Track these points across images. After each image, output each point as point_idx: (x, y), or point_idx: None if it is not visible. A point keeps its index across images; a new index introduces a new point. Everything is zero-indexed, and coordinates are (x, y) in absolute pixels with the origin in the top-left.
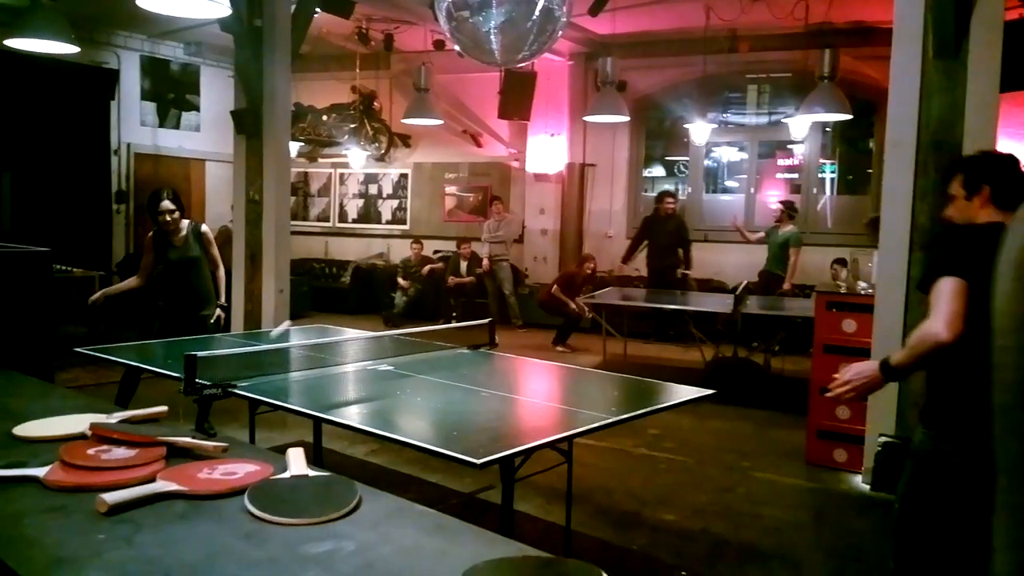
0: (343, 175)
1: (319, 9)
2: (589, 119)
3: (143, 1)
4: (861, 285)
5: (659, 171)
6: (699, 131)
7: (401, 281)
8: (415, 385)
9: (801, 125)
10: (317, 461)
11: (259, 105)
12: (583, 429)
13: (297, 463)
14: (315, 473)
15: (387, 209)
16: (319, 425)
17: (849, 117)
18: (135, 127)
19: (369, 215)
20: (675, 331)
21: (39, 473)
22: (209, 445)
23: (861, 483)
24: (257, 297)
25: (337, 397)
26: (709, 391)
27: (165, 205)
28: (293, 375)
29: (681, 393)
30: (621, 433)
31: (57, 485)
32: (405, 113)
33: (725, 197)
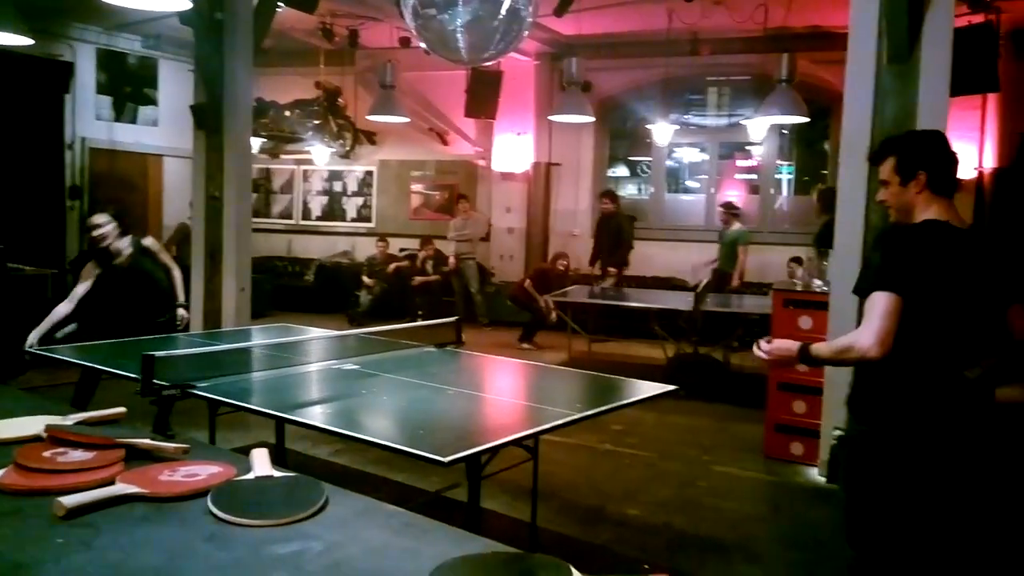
0: (307, 172)
1: (282, 4)
2: (555, 119)
3: None
4: (816, 283)
5: (623, 171)
6: (661, 132)
7: (366, 279)
8: (381, 384)
9: (759, 127)
10: (280, 462)
11: (220, 100)
12: (549, 426)
13: (261, 464)
14: (280, 474)
15: (352, 207)
16: (282, 426)
17: (806, 120)
18: (90, 121)
19: (333, 212)
20: (639, 328)
21: None
22: (170, 447)
23: (817, 475)
24: (218, 296)
25: (301, 397)
26: (671, 387)
27: (93, 220)
28: (255, 375)
29: (644, 389)
30: (586, 429)
31: (12, 488)
32: (370, 110)
33: (686, 197)
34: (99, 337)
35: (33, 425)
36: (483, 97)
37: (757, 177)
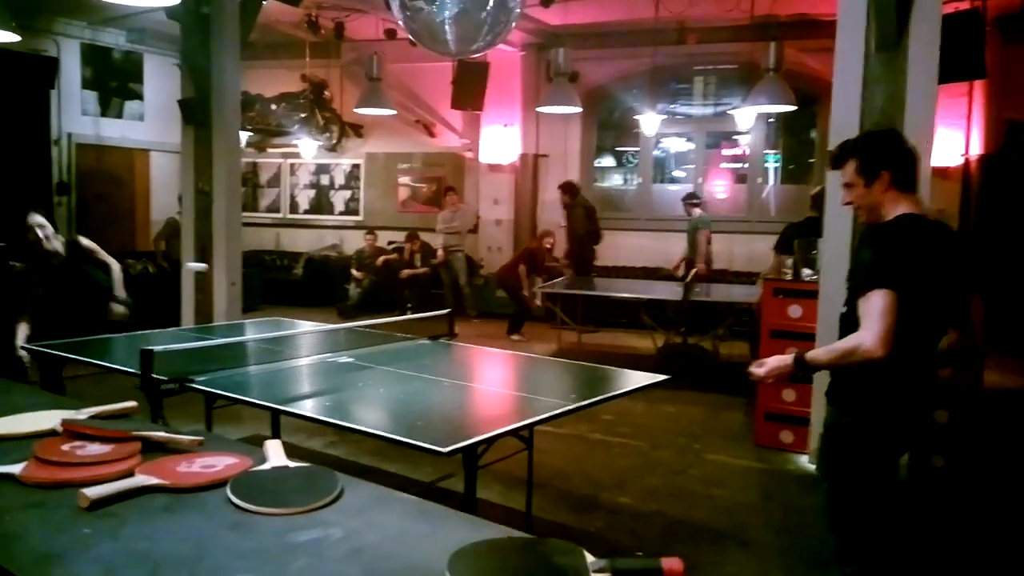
0: (294, 165)
1: None
2: (542, 110)
3: None
4: (806, 272)
5: (609, 161)
6: (649, 122)
7: (355, 273)
8: (376, 376)
9: (747, 116)
10: None
11: (207, 94)
12: (545, 416)
13: (276, 455)
14: (295, 464)
15: (339, 200)
16: (277, 418)
17: (793, 108)
18: (76, 116)
19: (321, 206)
20: (628, 319)
21: (14, 470)
22: (185, 439)
23: (807, 463)
24: (208, 290)
25: (298, 390)
26: (662, 377)
27: (33, 220)
28: (252, 369)
29: (636, 379)
30: (577, 419)
31: (35, 481)
32: (357, 103)
33: (673, 187)
34: (50, 337)
35: (48, 420)
36: (470, 89)
37: (744, 166)
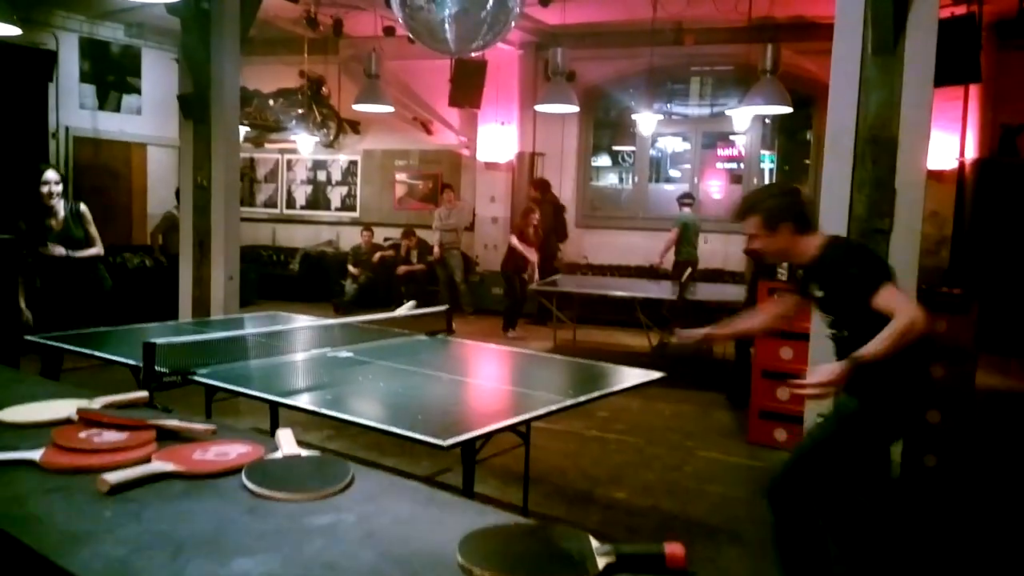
0: (291, 161)
1: None
2: (539, 108)
3: None
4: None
5: (606, 161)
6: (645, 121)
7: (351, 269)
8: (375, 371)
9: (743, 117)
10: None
11: (206, 90)
12: (542, 412)
13: (288, 444)
14: (307, 453)
15: (336, 196)
16: (276, 411)
17: (789, 110)
18: (74, 110)
19: (318, 202)
20: (623, 317)
21: (34, 456)
22: (199, 427)
23: None
24: (206, 284)
25: (298, 383)
26: (659, 374)
27: (50, 175)
28: (252, 362)
29: (632, 376)
30: (572, 416)
31: (54, 467)
32: (355, 99)
33: (669, 187)
34: (48, 329)
35: (64, 408)
36: (467, 86)
37: (740, 167)
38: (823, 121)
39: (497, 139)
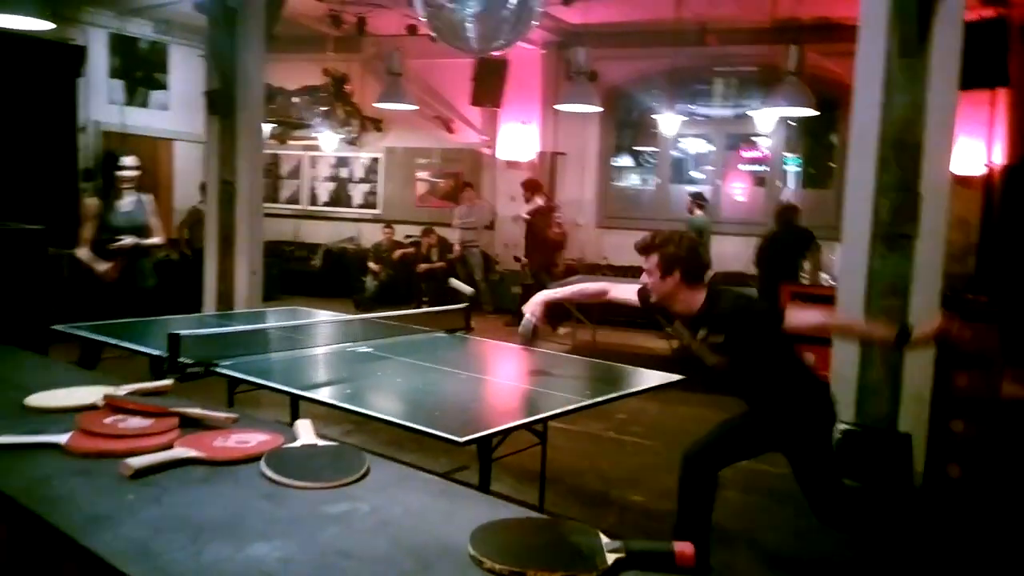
0: (314, 158)
1: None
2: (560, 108)
3: None
4: (823, 277)
5: (627, 161)
6: (668, 122)
7: (372, 265)
8: (394, 367)
9: (767, 119)
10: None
11: (233, 86)
12: (560, 411)
13: (307, 433)
14: (324, 443)
15: (358, 193)
16: (296, 404)
17: (814, 112)
18: (102, 105)
19: (340, 198)
20: (644, 319)
21: (60, 440)
22: (220, 416)
23: None
24: (230, 278)
25: (318, 377)
26: (678, 376)
27: (127, 161)
28: (273, 355)
29: (651, 378)
30: (590, 417)
31: (80, 451)
32: (378, 97)
33: (691, 188)
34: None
35: (90, 394)
36: (489, 85)
37: (763, 169)
38: (848, 124)
39: (518, 138)
